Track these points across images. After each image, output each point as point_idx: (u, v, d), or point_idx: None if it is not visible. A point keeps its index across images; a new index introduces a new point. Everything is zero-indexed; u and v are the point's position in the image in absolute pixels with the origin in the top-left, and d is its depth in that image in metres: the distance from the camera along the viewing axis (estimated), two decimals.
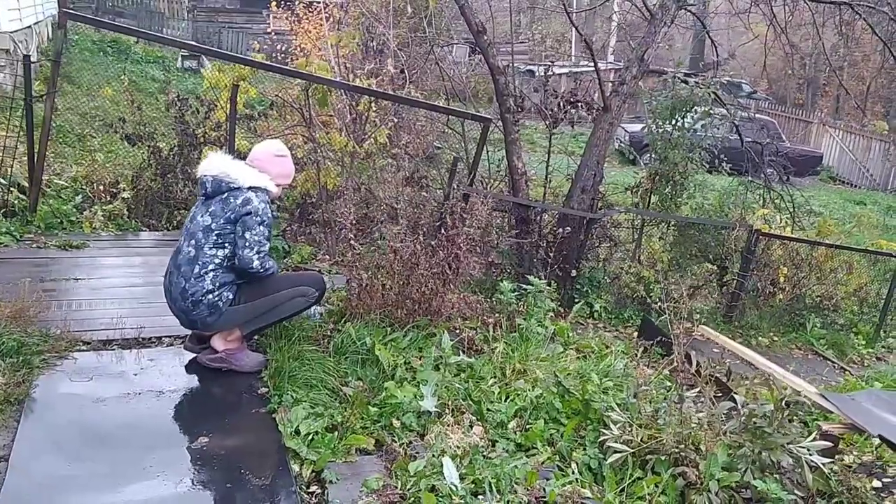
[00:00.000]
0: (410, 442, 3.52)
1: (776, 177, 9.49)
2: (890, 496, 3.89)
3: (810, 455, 3.27)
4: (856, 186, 21.37)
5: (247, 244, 3.73)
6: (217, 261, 3.76)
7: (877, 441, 4.26)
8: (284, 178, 4.04)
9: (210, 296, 3.73)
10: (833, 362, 7.47)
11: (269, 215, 3.83)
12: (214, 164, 3.87)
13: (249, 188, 3.80)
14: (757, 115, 15.78)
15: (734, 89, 18.48)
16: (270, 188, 3.89)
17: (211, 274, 3.75)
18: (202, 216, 3.80)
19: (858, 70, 26.07)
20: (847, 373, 7.08)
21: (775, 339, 7.89)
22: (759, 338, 7.75)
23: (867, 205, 17.86)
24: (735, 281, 7.90)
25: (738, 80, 22.13)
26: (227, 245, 3.77)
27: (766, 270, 8.18)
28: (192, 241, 3.78)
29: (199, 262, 3.74)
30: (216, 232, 3.75)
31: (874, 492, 3.83)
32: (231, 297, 3.80)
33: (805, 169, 17.96)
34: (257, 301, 3.88)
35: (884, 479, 4.07)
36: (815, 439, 3.38)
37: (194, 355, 4.06)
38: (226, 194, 3.79)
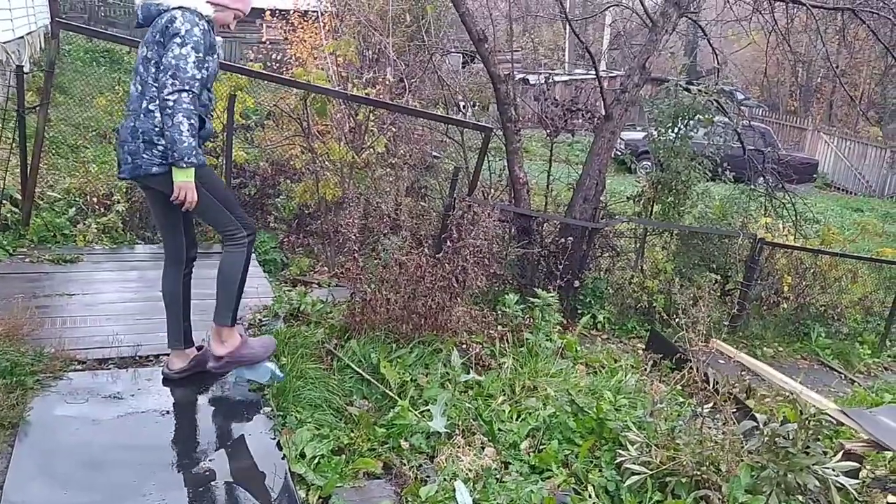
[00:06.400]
0: (420, 465, 3.39)
1: (775, 184, 9.40)
2: None
3: (836, 476, 3.16)
4: (852, 193, 21.35)
5: (162, 67, 3.27)
6: None
7: (889, 455, 4.17)
8: (241, 2, 3.60)
9: (163, 139, 3.32)
10: (840, 373, 7.36)
11: (198, 40, 3.32)
12: None
13: (176, 8, 3.36)
14: (752, 123, 15.70)
15: (727, 97, 18.42)
16: (202, 8, 3.41)
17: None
18: (140, 48, 3.43)
19: (851, 77, 26.10)
20: (855, 384, 6.97)
21: (780, 349, 7.78)
22: (764, 348, 7.64)
23: (864, 212, 17.81)
24: (739, 290, 7.80)
25: (730, 87, 22.07)
26: None
27: (770, 279, 8.08)
28: (137, 78, 3.43)
29: (147, 97, 3.38)
30: (153, 60, 3.35)
31: None
32: None
33: (803, 176, 17.93)
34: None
35: None
36: (839, 459, 3.27)
37: (198, 371, 3.89)
38: (154, 18, 3.41)
